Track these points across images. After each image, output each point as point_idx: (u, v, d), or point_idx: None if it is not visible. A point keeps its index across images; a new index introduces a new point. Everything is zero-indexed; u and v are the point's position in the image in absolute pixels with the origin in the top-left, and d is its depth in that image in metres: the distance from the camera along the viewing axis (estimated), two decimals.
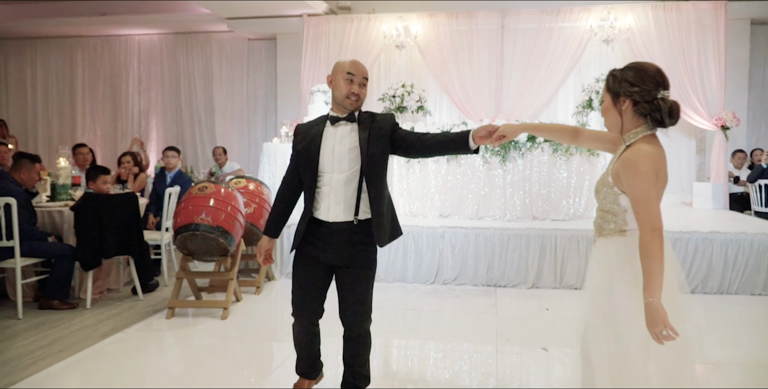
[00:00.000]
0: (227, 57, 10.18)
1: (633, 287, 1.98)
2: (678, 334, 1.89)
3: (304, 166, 2.62)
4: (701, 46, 7.64)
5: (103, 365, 3.57)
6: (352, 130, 2.61)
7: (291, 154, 2.75)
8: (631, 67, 2.04)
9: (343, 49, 8.40)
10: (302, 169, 2.64)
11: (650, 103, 1.97)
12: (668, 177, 2.08)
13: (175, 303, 4.57)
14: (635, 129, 2.04)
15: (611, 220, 2.10)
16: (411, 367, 3.69)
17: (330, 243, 2.62)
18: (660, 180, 2.02)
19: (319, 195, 2.62)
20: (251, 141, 10.27)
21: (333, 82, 2.63)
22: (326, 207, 2.60)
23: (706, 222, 5.91)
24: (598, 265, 2.15)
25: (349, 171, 2.58)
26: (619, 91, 2.03)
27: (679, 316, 1.98)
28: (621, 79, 2.03)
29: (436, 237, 5.54)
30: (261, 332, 4.35)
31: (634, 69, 2.02)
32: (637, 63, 2.07)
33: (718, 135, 7.67)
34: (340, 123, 2.61)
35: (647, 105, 1.97)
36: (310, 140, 2.61)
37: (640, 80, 1.98)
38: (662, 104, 1.96)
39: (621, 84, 2.02)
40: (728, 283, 5.19)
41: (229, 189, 4.73)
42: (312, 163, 2.59)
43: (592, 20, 7.89)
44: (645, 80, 1.97)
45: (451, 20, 8.18)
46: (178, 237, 4.45)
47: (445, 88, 8.25)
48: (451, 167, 6.09)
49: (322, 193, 2.61)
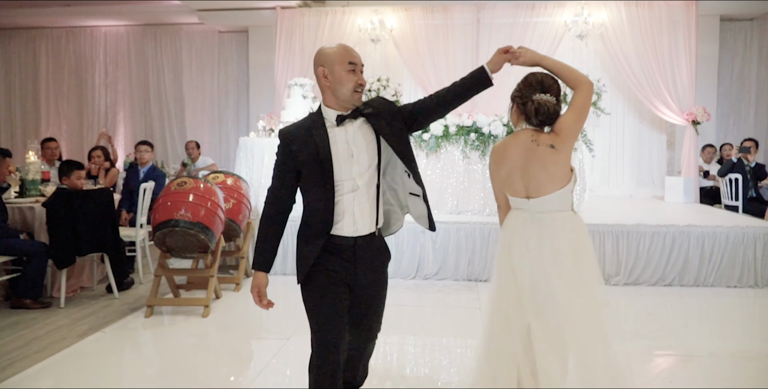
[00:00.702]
0: (197, 49, 9.96)
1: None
2: None
3: (315, 179, 2.21)
4: (673, 42, 7.76)
5: (82, 365, 3.46)
6: (363, 123, 2.26)
7: (276, 165, 2.32)
8: (525, 76, 2.44)
9: (318, 42, 8.29)
10: (310, 182, 2.24)
11: (525, 103, 2.38)
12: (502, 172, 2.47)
13: (155, 301, 4.46)
14: (518, 124, 2.46)
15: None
16: (398, 363, 3.66)
17: (354, 262, 2.28)
18: (497, 166, 2.49)
19: (339, 208, 2.24)
20: (222, 135, 10.09)
21: (329, 76, 2.21)
22: (351, 221, 2.25)
23: (681, 216, 6.02)
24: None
25: (368, 169, 2.26)
26: (511, 97, 2.47)
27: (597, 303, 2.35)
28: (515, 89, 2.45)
29: (417, 232, 5.52)
30: (243, 330, 4.27)
31: (523, 78, 2.44)
32: (529, 73, 2.45)
33: (688, 130, 7.81)
34: (346, 121, 2.24)
35: (522, 106, 2.39)
36: (314, 148, 2.21)
37: (521, 87, 2.41)
38: (530, 105, 2.35)
39: (513, 92, 2.46)
40: (705, 276, 5.29)
41: (208, 184, 4.63)
42: (326, 173, 2.19)
43: (567, 16, 7.95)
44: (525, 87, 2.39)
45: (427, 14, 8.14)
46: (157, 233, 4.33)
47: (421, 82, 8.22)
48: (430, 162, 6.07)
49: (342, 203, 2.24)
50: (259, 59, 9.29)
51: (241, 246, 5.39)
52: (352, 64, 2.22)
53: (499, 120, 5.93)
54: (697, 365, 3.57)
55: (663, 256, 5.32)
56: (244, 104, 9.92)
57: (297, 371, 3.44)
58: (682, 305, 4.90)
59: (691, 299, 5.05)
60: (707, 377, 3.37)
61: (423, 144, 6.00)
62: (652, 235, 5.29)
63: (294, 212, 2.35)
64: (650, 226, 5.30)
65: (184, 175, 5.70)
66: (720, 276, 5.30)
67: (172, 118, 10.05)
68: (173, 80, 10.00)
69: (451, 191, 6.05)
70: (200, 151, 8.11)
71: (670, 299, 4.99)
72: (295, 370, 3.46)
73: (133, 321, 4.31)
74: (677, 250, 5.32)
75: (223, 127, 10.07)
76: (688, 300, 5.02)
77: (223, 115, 10.05)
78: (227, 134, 10.05)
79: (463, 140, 5.95)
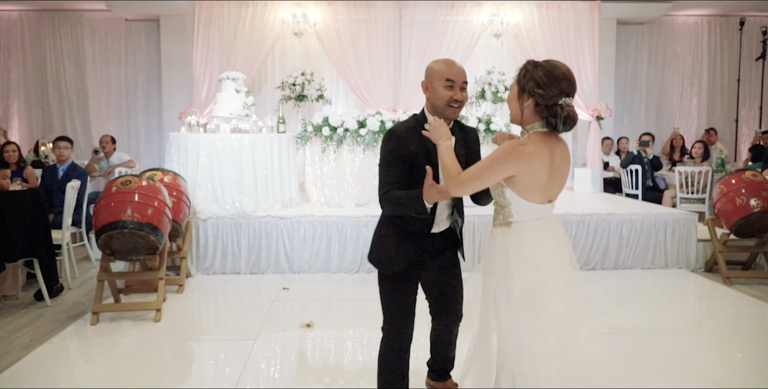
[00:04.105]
0: (101, 38, 9.35)
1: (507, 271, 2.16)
2: None
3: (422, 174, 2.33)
4: (579, 42, 8.33)
5: (39, 380, 3.24)
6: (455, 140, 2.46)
7: (388, 162, 2.43)
8: (545, 66, 2.09)
9: (238, 34, 8.09)
10: (415, 180, 2.39)
11: (549, 108, 2.07)
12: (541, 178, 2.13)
13: (100, 307, 4.23)
14: (532, 123, 2.15)
15: (500, 212, 2.23)
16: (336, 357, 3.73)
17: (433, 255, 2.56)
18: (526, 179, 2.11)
19: (438, 209, 2.48)
20: (132, 129, 9.58)
21: (429, 89, 2.43)
22: (439, 220, 2.52)
23: (593, 205, 6.51)
24: (489, 252, 2.31)
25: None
26: (525, 88, 2.11)
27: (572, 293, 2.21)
28: (530, 77, 2.09)
29: (360, 226, 5.60)
30: (202, 332, 4.18)
31: (545, 69, 2.08)
32: (550, 64, 2.10)
33: (593, 124, 8.43)
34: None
35: (546, 109, 2.08)
36: (424, 145, 2.40)
37: (546, 84, 2.05)
38: (559, 111, 2.05)
39: (528, 82, 2.09)
40: (623, 259, 5.79)
41: (152, 181, 4.44)
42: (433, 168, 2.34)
43: (484, 15, 8.30)
44: (551, 85, 2.05)
45: (350, 9, 8.18)
46: (103, 236, 4.11)
47: (345, 76, 8.27)
48: (367, 157, 6.15)
49: (440, 205, 2.48)
50: (172, 50, 8.89)
51: (182, 246, 5.21)
52: (449, 81, 2.40)
53: None
54: (644, 340, 3.90)
55: (587, 243, 5.76)
56: (155, 97, 9.47)
57: (278, 370, 3.44)
58: (609, 287, 5.33)
59: (615, 281, 5.51)
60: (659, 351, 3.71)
61: (360, 139, 6.07)
62: (577, 224, 5.71)
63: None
64: (576, 215, 5.71)
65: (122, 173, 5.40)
66: (636, 259, 5.82)
67: (74, 111, 9.40)
68: (75, 70, 9.35)
69: None
70: (116, 146, 7.67)
71: (596, 282, 5.42)
72: (276, 369, 3.45)
73: (79, 330, 4.07)
74: (599, 237, 5.77)
75: (131, 120, 9.56)
76: (612, 282, 5.48)
77: (132, 108, 9.54)
78: (137, 128, 9.56)
79: None
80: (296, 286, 5.18)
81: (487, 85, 8.15)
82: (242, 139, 5.68)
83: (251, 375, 3.32)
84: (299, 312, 4.47)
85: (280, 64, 8.76)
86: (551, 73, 2.06)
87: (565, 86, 2.06)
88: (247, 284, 5.31)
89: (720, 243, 5.56)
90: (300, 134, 6.29)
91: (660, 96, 10.11)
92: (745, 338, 4.00)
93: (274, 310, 4.51)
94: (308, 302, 4.79)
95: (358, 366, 3.50)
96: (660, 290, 5.38)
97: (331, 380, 3.29)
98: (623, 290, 5.29)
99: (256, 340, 3.84)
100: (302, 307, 4.60)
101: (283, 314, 4.45)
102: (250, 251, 5.57)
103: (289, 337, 4.00)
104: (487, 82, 8.17)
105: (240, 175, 5.66)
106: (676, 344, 3.87)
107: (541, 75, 2.07)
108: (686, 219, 5.86)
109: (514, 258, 2.15)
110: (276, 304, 4.67)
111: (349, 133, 6.08)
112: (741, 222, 5.30)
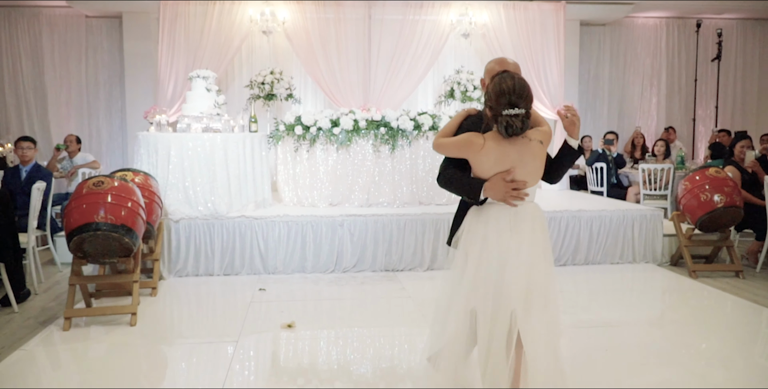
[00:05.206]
0: (60, 35, 9.06)
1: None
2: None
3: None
4: (545, 43, 8.47)
5: None
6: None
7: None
8: (496, 81, 2.43)
9: (205, 32, 7.97)
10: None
11: (495, 118, 2.44)
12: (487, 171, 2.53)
13: (72, 312, 4.10)
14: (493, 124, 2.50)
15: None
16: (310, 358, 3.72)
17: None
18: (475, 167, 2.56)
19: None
20: (93, 129, 9.32)
21: (485, 85, 2.68)
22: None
23: (567, 202, 6.65)
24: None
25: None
26: (484, 98, 2.51)
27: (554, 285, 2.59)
28: (487, 91, 2.48)
29: (335, 225, 5.58)
30: (181, 336, 4.10)
31: (495, 84, 2.43)
32: (500, 78, 2.43)
33: (558, 124, 8.58)
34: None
35: (494, 118, 2.45)
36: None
37: (492, 98, 2.42)
38: (500, 120, 2.41)
39: (486, 94, 2.50)
40: (593, 255, 5.93)
41: (124, 181, 4.33)
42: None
43: (452, 15, 8.36)
44: (497, 99, 2.40)
45: (319, 7, 8.14)
46: (74, 239, 3.99)
47: (314, 75, 8.22)
48: (340, 156, 6.13)
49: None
50: (136, 48, 8.67)
51: (154, 249, 5.11)
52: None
53: (406, 115, 6.14)
54: (619, 333, 4.00)
55: (559, 239, 5.87)
56: (117, 96, 9.24)
57: (259, 371, 3.40)
58: (579, 282, 5.45)
59: (586, 276, 5.63)
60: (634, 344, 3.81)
61: (333, 138, 6.05)
62: (549, 220, 5.81)
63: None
64: (547, 212, 5.78)
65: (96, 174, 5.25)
66: (605, 255, 5.97)
67: (32, 110, 9.09)
68: (33, 69, 9.04)
69: (362, 184, 6.16)
70: (80, 147, 7.44)
71: (568, 277, 5.53)
72: (258, 370, 3.41)
73: (51, 336, 3.94)
74: (570, 233, 5.89)
75: (93, 120, 9.30)
76: (582, 277, 5.60)
77: (93, 108, 9.28)
78: (98, 128, 9.31)
79: (373, 134, 6.08)
80: (272, 287, 5.14)
81: (456, 85, 8.22)
82: (214, 139, 5.60)
83: (231, 378, 3.27)
84: (278, 313, 4.43)
85: (248, 63, 8.65)
86: (498, 88, 2.40)
87: (510, 99, 2.37)
88: (221, 286, 5.23)
89: (685, 238, 5.74)
90: (272, 133, 6.23)
91: (621, 95, 10.36)
92: (710, 329, 4.13)
93: (251, 312, 4.46)
94: (285, 302, 4.75)
95: (333, 366, 3.48)
96: (628, 284, 5.53)
97: (306, 380, 3.26)
98: (594, 285, 5.41)
99: (237, 341, 3.79)
100: (280, 308, 4.56)
101: (259, 315, 4.40)
102: (223, 252, 5.49)
103: (269, 338, 3.96)
104: (455, 81, 8.24)
105: (212, 175, 5.57)
106: (644, 336, 3.97)
107: (491, 89, 2.44)
108: (652, 215, 6.03)
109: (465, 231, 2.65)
110: (253, 305, 4.61)
111: (322, 132, 6.05)
112: (705, 218, 5.48)
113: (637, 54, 10.28)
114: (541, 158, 2.55)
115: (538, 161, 2.54)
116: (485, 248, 2.55)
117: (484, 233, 2.57)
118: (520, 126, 2.40)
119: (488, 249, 2.54)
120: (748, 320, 4.36)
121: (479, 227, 2.60)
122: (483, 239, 2.57)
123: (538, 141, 2.51)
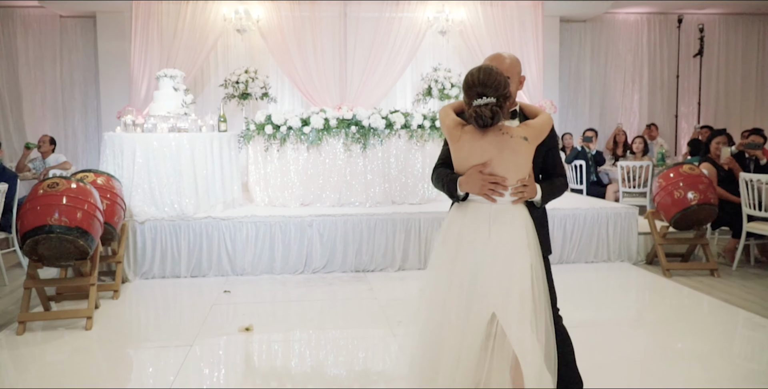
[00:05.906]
0: (34, 35, 8.95)
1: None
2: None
3: None
4: (523, 40, 8.42)
5: None
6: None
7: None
8: (469, 72, 2.40)
9: (178, 31, 7.89)
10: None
11: (468, 107, 2.39)
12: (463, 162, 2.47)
13: (27, 316, 4.01)
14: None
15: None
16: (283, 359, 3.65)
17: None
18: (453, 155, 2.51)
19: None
20: (69, 130, 9.21)
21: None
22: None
23: None
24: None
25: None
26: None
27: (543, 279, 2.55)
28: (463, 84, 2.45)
29: (304, 226, 5.50)
30: (135, 340, 4.02)
31: (467, 75, 2.40)
32: (471, 71, 2.41)
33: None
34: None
35: (468, 107, 2.40)
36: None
37: (465, 89, 2.40)
38: (469, 111, 2.36)
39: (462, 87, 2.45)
40: (567, 254, 5.86)
41: (81, 183, 4.25)
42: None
43: (429, 13, 8.30)
44: (467, 89, 2.38)
45: (293, 6, 8.07)
46: (28, 241, 3.91)
47: (290, 74, 8.15)
48: (311, 155, 6.05)
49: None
50: (110, 48, 8.56)
51: (117, 251, 5.02)
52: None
53: (377, 113, 6.06)
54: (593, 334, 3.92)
55: None
56: (93, 96, 9.13)
57: (215, 375, 3.32)
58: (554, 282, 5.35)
59: (559, 276, 5.43)
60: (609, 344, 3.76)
61: (304, 137, 5.96)
62: None
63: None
64: None
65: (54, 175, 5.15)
66: (579, 254, 5.90)
67: (6, 111, 8.99)
68: (7, 69, 8.93)
69: (333, 183, 6.08)
70: (54, 148, 7.34)
71: None
72: (214, 375, 3.33)
73: (5, 341, 3.85)
74: None
75: (68, 120, 9.19)
76: (557, 277, 5.41)
77: (69, 108, 9.17)
78: (74, 128, 9.21)
79: (344, 133, 6.00)
80: (239, 289, 5.05)
81: (434, 82, 8.16)
82: (181, 139, 5.51)
83: (185, 382, 3.19)
84: (239, 315, 4.35)
85: (223, 62, 8.56)
86: (469, 79, 2.38)
87: (479, 90, 2.33)
88: (187, 288, 5.14)
89: (659, 236, 5.68)
90: (242, 133, 6.15)
91: (603, 92, 10.30)
92: (685, 328, 4.08)
93: (213, 314, 4.38)
94: (252, 304, 4.67)
95: (306, 369, 3.41)
96: (603, 283, 5.46)
97: (278, 383, 3.21)
98: (568, 284, 5.31)
99: (191, 346, 3.71)
100: (243, 311, 4.48)
101: (222, 318, 4.32)
102: (190, 254, 5.40)
103: (228, 341, 3.88)
104: (433, 79, 8.17)
105: (179, 175, 5.48)
106: (619, 336, 3.92)
107: (464, 81, 2.40)
108: (627, 213, 5.97)
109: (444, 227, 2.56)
110: (216, 308, 4.53)
111: (292, 131, 5.97)
112: (679, 215, 5.42)
113: (619, 50, 10.23)
114: (524, 155, 2.41)
115: (521, 158, 2.39)
116: (460, 245, 2.43)
117: (459, 229, 2.46)
118: (490, 115, 2.31)
119: (464, 247, 2.42)
120: (722, 319, 4.31)
121: (456, 223, 2.49)
122: (458, 236, 2.45)
123: (521, 137, 2.37)
